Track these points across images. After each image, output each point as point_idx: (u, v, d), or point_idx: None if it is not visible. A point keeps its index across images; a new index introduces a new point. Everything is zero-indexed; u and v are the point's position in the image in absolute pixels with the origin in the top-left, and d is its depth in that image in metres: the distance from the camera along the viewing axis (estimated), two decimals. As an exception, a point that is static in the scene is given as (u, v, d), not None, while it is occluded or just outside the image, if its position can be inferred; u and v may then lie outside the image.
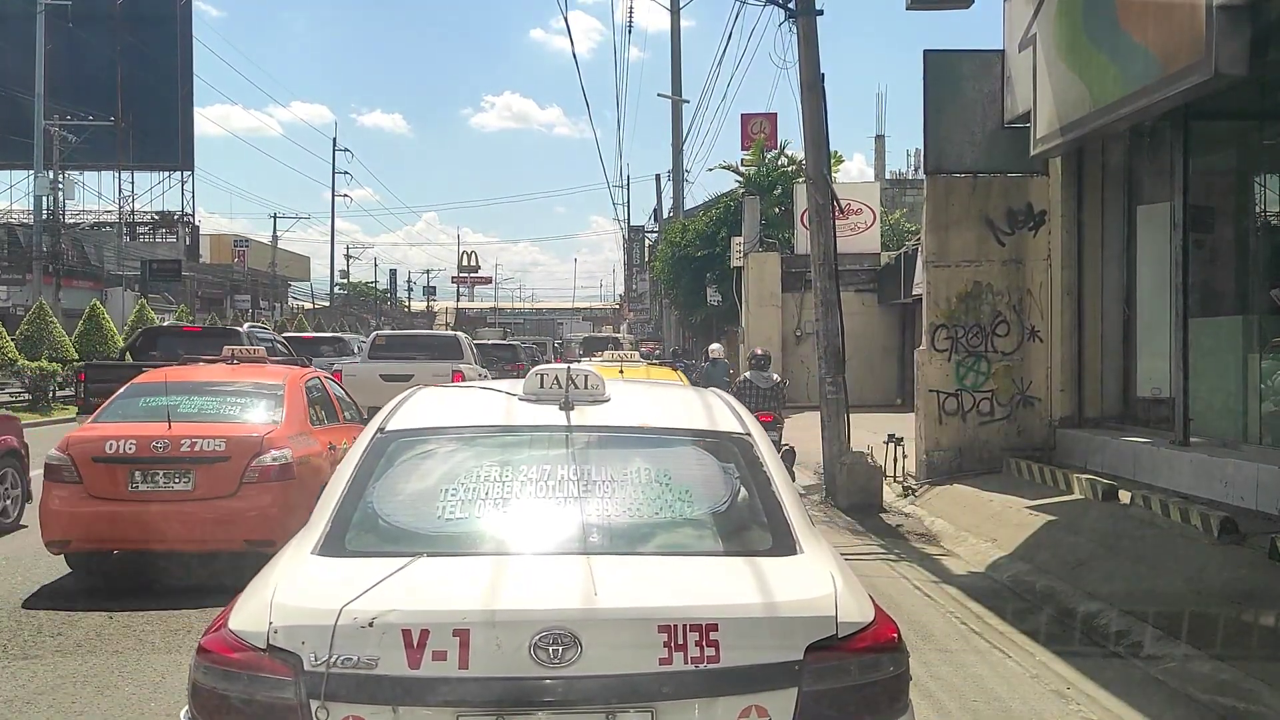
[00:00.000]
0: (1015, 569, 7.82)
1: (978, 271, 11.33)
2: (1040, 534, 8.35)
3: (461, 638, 2.39)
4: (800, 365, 25.21)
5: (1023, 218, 11.30)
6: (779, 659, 2.46)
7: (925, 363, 11.40)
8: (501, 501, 3.02)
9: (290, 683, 2.39)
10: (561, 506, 3.00)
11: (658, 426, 3.44)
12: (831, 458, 11.38)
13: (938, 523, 9.84)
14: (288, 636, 2.43)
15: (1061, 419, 11.10)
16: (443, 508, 2.99)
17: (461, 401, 3.94)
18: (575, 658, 2.38)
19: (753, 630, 2.50)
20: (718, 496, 3.15)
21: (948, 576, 7.95)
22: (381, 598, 2.48)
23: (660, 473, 3.14)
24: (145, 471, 6.61)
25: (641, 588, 2.64)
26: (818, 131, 11.28)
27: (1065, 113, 9.64)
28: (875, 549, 9.02)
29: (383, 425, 3.40)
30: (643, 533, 2.94)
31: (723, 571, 2.79)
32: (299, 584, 2.66)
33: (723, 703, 2.42)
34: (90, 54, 42.93)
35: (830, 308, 11.49)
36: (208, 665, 2.50)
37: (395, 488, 3.13)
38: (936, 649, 5.96)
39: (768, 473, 3.18)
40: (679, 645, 2.40)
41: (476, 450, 3.29)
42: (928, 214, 11.46)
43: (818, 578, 2.70)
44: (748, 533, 3.04)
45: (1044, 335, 11.28)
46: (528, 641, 2.39)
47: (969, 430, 11.30)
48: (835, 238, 11.59)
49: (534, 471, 3.13)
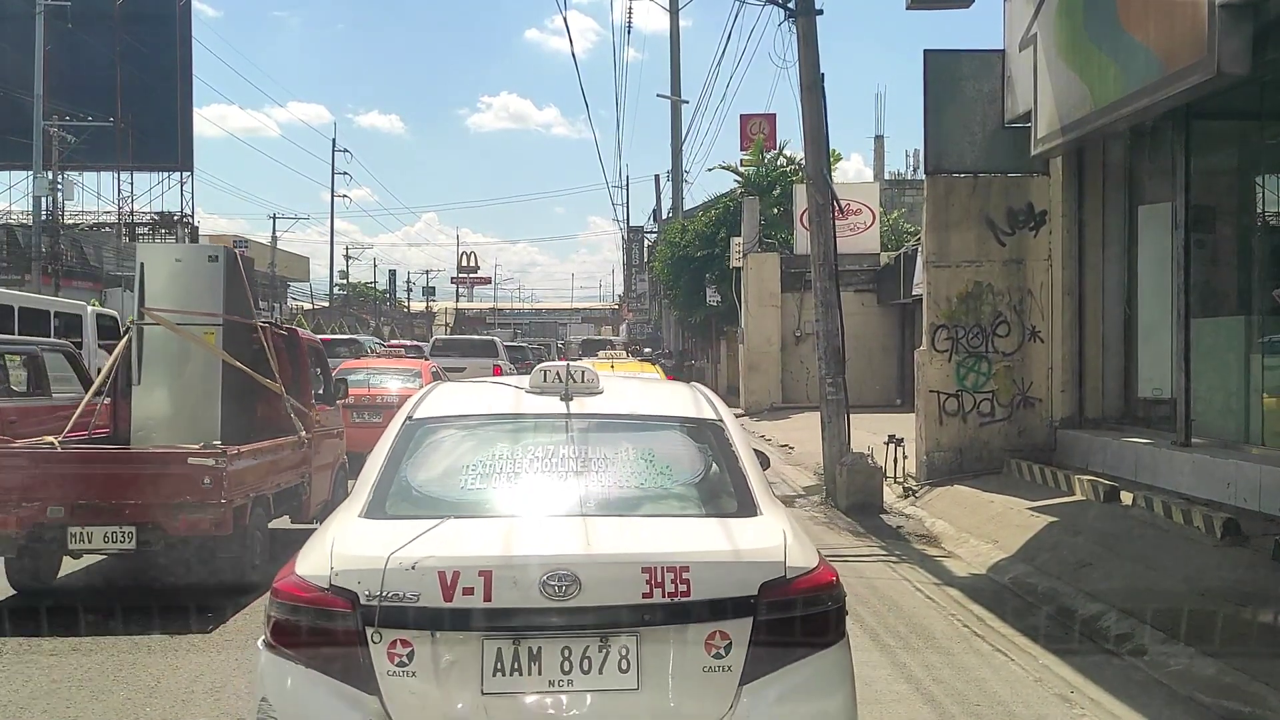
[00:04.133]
0: (1017, 570, 7.79)
1: (978, 272, 11.30)
2: (1042, 535, 8.32)
3: (485, 577, 2.91)
4: (800, 365, 25.19)
5: (1023, 217, 11.26)
6: (738, 594, 2.99)
7: (926, 363, 11.36)
8: (513, 475, 3.56)
9: (350, 614, 2.92)
10: (563, 480, 3.54)
11: (644, 414, 4.04)
12: (832, 459, 11.35)
13: (938, 524, 9.80)
14: (346, 578, 2.95)
15: (1062, 420, 11.06)
16: (464, 480, 3.54)
17: (476, 394, 4.43)
18: (576, 592, 2.91)
19: (717, 572, 3.04)
20: (693, 471, 3.72)
21: (949, 578, 7.92)
22: (420, 547, 3.01)
23: (646, 451, 3.70)
24: (362, 411, 12.95)
25: (629, 539, 3.20)
26: (818, 131, 11.24)
27: (1066, 112, 9.60)
28: (876, 550, 8.99)
29: (411, 414, 3.92)
30: (630, 500, 3.49)
31: (695, 528, 3.36)
32: (352, 539, 3.19)
33: (693, 628, 2.96)
34: (89, 54, 42.74)
35: (830, 308, 11.45)
36: (281, 602, 3.03)
37: (424, 465, 3.65)
38: (938, 651, 5.93)
39: (736, 451, 3.74)
40: (658, 583, 2.94)
41: (490, 434, 3.81)
42: (928, 214, 11.42)
43: (772, 533, 3.25)
44: (718, 499, 3.57)
45: (1045, 335, 11.25)
46: (538, 580, 2.91)
47: (969, 431, 11.26)
48: (835, 238, 11.56)
49: (539, 451, 3.66)
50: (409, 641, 2.91)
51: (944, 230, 11.31)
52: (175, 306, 7.41)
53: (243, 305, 7.84)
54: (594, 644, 2.94)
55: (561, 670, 2.93)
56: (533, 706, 2.92)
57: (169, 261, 7.66)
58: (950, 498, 10.49)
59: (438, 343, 28.36)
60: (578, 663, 2.94)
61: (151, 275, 7.51)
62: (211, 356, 7.42)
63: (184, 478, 6.29)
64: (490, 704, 2.90)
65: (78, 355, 10.51)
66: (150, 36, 45.66)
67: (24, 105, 35.78)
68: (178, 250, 8.51)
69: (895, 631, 6.32)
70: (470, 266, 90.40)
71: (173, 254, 8.09)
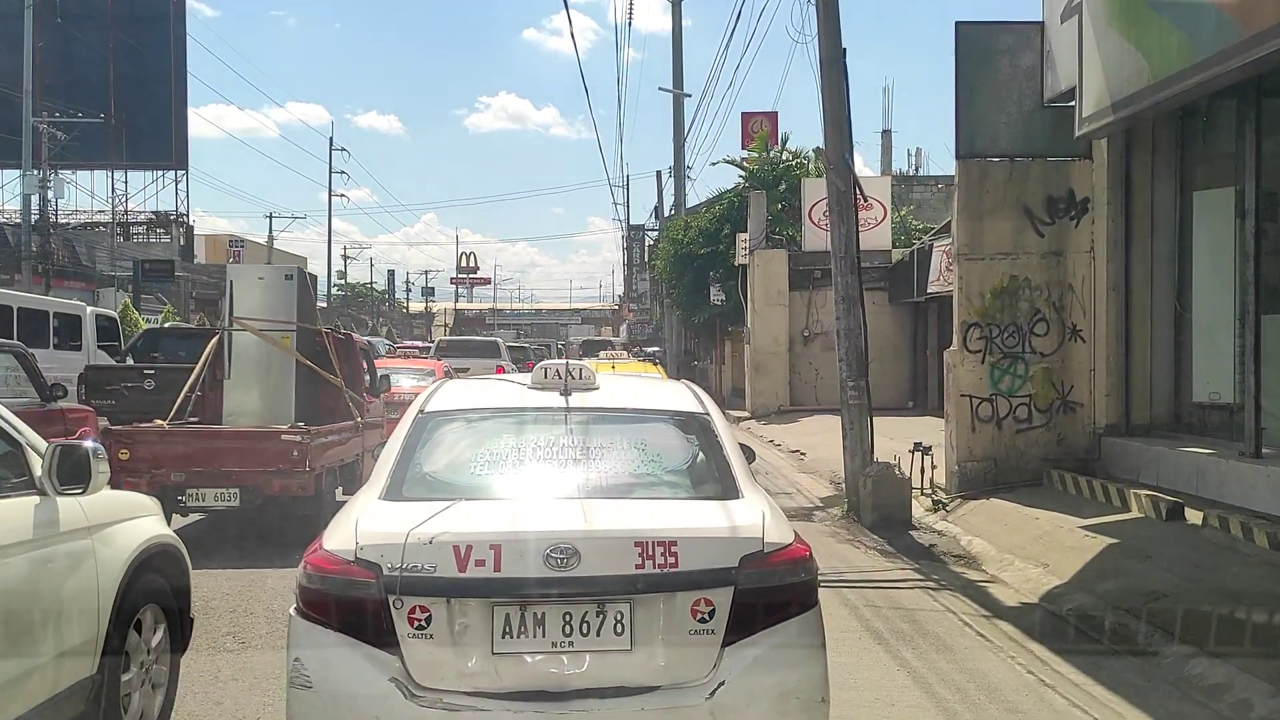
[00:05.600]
0: (1076, 601, 6.85)
1: (1014, 265, 10.36)
2: (1101, 559, 7.38)
3: (495, 551, 3.19)
4: (808, 367, 24.29)
5: (1064, 206, 10.32)
6: (720, 565, 3.27)
7: (957, 364, 10.43)
8: (517, 463, 3.88)
9: (374, 583, 3.18)
10: (563, 467, 3.86)
11: (636, 408, 4.34)
12: (854, 469, 10.41)
13: (976, 542, 8.87)
14: (370, 552, 3.22)
15: (1106, 426, 10.12)
16: (473, 467, 3.88)
17: (482, 390, 4.85)
18: (576, 564, 3.18)
19: (702, 546, 3.32)
20: (682, 459, 4.08)
21: (998, 609, 6.99)
22: (437, 525, 3.29)
23: (638, 441, 4.01)
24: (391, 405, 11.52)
25: (623, 517, 3.50)
26: (838, 112, 10.32)
27: (1118, 87, 8.68)
28: (911, 574, 8.06)
29: (422, 408, 4.20)
30: (624, 485, 3.78)
31: (683, 508, 3.69)
32: (375, 518, 3.47)
33: (680, 596, 3.23)
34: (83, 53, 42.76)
35: (852, 304, 10.52)
36: (311, 574, 3.29)
37: (436, 453, 3.96)
38: (1005, 708, 4.99)
39: (720, 441, 4.03)
40: (649, 556, 3.22)
41: (496, 426, 4.14)
42: (959, 202, 10.47)
43: (752, 513, 3.55)
44: (703, 484, 3.88)
45: (1087, 335, 10.31)
46: (542, 553, 3.19)
47: (1005, 439, 10.33)
48: (858, 228, 10.63)
49: (541, 441, 3.98)
50: (427, 608, 3.17)
51: (977, 220, 10.38)
52: (258, 316, 8.95)
53: (310, 314, 9.47)
54: (592, 610, 3.21)
55: (563, 633, 3.20)
56: (537, 665, 3.20)
57: (253, 280, 9.23)
58: (987, 513, 9.56)
59: (442, 344, 29.22)
60: (577, 626, 3.21)
61: (239, 291, 9.01)
62: (287, 356, 8.98)
63: (278, 451, 8.01)
64: (499, 663, 3.18)
65: (29, 356, 9.57)
66: (144, 34, 45.52)
67: (15, 103, 34.99)
68: (260, 270, 10.31)
69: (949, 680, 5.38)
70: (470, 267, 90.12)
71: (256, 273, 9.82)
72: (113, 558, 3.92)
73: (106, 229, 46.78)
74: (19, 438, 3.78)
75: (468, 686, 3.16)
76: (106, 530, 3.95)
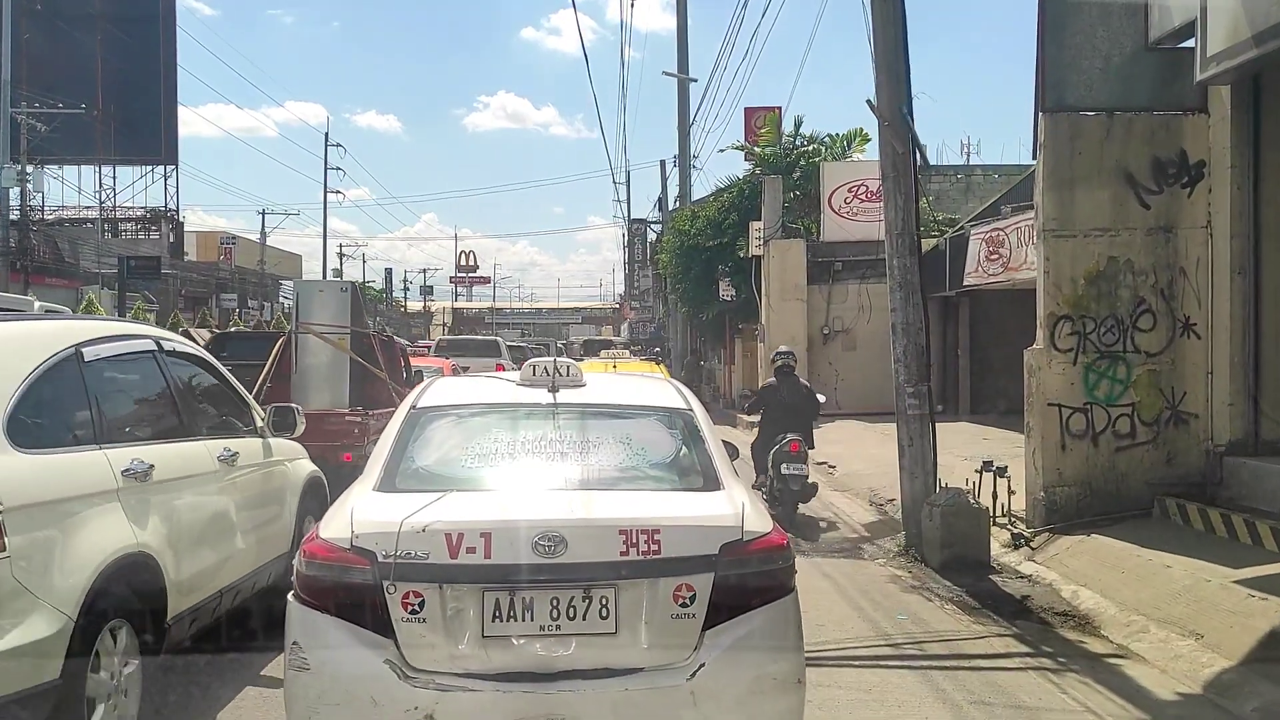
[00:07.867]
0: (1264, 695, 4.92)
1: (1113, 244, 8.40)
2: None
3: (485, 538, 3.38)
4: (828, 367, 22.33)
5: (1174, 171, 8.36)
6: (701, 553, 3.45)
7: (1043, 366, 8.46)
8: (507, 456, 4.08)
9: (369, 570, 3.37)
10: (550, 460, 4.08)
11: (621, 404, 4.57)
12: (915, 496, 8.44)
13: (1084, 594, 6.91)
14: (366, 540, 3.41)
15: (1229, 444, 8.16)
16: (464, 460, 4.11)
17: (472, 386, 5.17)
18: (563, 551, 3.37)
19: (683, 534, 3.50)
20: (665, 452, 4.26)
21: (1152, 708, 5.04)
22: (429, 514, 3.48)
23: (623, 435, 4.19)
24: None
25: (608, 507, 3.69)
26: (894, 54, 8.36)
27: (1262, 13, 6.77)
28: (1012, 643, 6.10)
29: (414, 403, 4.40)
30: (610, 476, 3.97)
31: (666, 499, 3.91)
32: (369, 508, 3.66)
33: (663, 581, 3.40)
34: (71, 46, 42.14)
35: (910, 292, 8.55)
36: (309, 560, 3.49)
37: (428, 447, 4.15)
38: None
39: (702, 435, 4.22)
40: (633, 543, 3.40)
41: (485, 421, 4.36)
42: (1045, 165, 8.48)
43: (732, 503, 3.73)
44: (686, 476, 4.06)
45: (1203, 330, 8.35)
46: (530, 540, 3.38)
47: (1102, 458, 8.37)
48: (918, 198, 8.66)
49: (529, 435, 4.20)
50: (420, 593, 3.31)
51: (1067, 188, 8.41)
52: (320, 321, 10.46)
53: (360, 319, 11.11)
54: (578, 594, 3.35)
55: (550, 617, 3.35)
56: (526, 647, 3.35)
57: (315, 292, 11.02)
58: (1090, 553, 7.59)
59: (443, 343, 29.96)
60: (564, 610, 3.35)
61: (303, 301, 10.74)
62: (343, 354, 10.42)
63: (342, 429, 9.22)
64: (489, 645, 3.33)
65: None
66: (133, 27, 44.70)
67: (-5, 94, 33.44)
68: (321, 284, 13.38)
69: None
70: (469, 266, 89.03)
71: (317, 286, 12.11)
72: (296, 477, 6.35)
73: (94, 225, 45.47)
74: (249, 401, 6.04)
75: (459, 668, 3.31)
76: (292, 462, 6.36)
